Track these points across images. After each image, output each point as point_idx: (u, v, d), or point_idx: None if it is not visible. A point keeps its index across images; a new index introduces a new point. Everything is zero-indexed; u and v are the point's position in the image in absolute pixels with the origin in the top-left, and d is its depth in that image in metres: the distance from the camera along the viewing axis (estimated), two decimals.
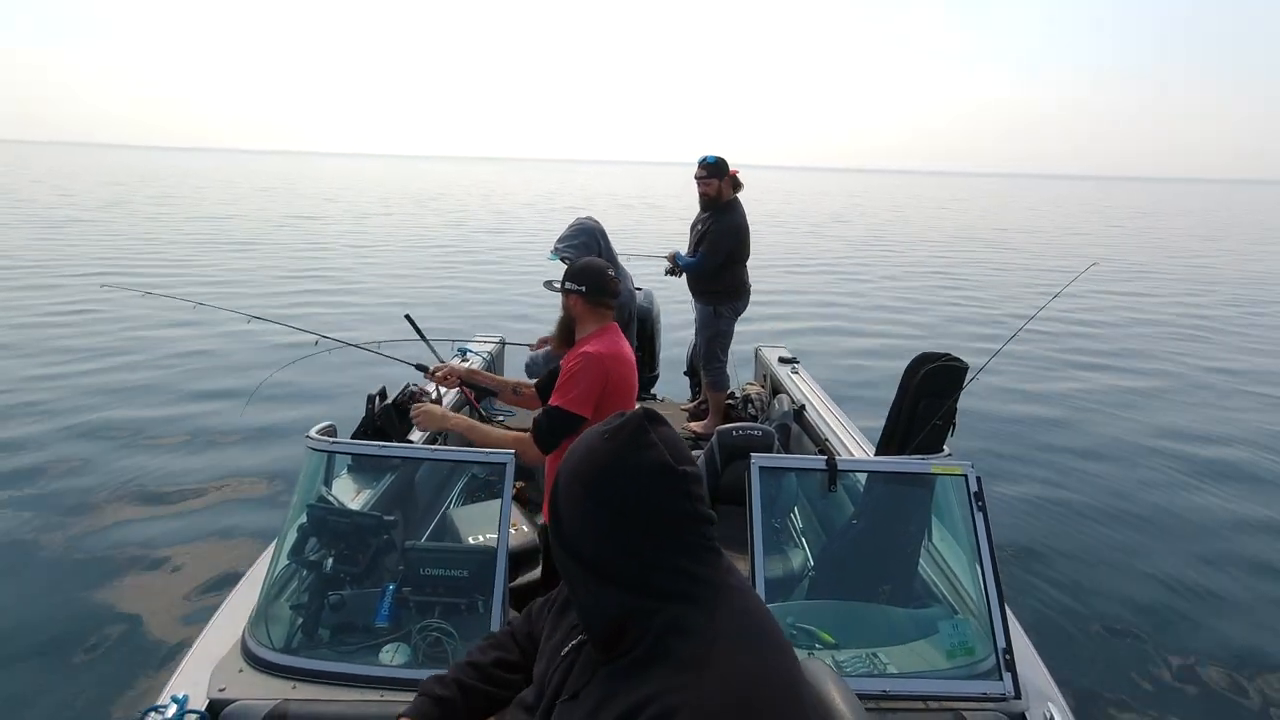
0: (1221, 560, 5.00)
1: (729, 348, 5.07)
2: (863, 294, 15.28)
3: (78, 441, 6.20)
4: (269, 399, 7.11)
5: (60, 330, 9.81)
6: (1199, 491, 6.11)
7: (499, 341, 5.79)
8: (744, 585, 1.13)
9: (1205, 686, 3.77)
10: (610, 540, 1.06)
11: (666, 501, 1.05)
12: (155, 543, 4.65)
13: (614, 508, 1.05)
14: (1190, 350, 11.26)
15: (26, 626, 3.85)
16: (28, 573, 4.34)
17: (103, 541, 4.67)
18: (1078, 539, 5.21)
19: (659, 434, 1.08)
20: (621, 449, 1.06)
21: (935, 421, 3.00)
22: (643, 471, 1.05)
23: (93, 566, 4.39)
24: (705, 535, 1.09)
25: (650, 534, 1.05)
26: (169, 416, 6.86)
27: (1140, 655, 3.98)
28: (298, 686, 2.07)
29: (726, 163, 4.81)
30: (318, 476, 2.64)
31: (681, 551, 1.06)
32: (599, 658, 1.12)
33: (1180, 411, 8.26)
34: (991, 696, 2.13)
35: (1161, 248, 27.69)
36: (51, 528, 4.82)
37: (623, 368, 2.66)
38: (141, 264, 15.55)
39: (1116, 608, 4.40)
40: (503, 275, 16.21)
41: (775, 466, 2.47)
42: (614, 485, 1.06)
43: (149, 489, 5.40)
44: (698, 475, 1.10)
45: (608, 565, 1.07)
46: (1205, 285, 18.22)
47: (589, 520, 1.07)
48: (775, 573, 2.59)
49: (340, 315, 11.22)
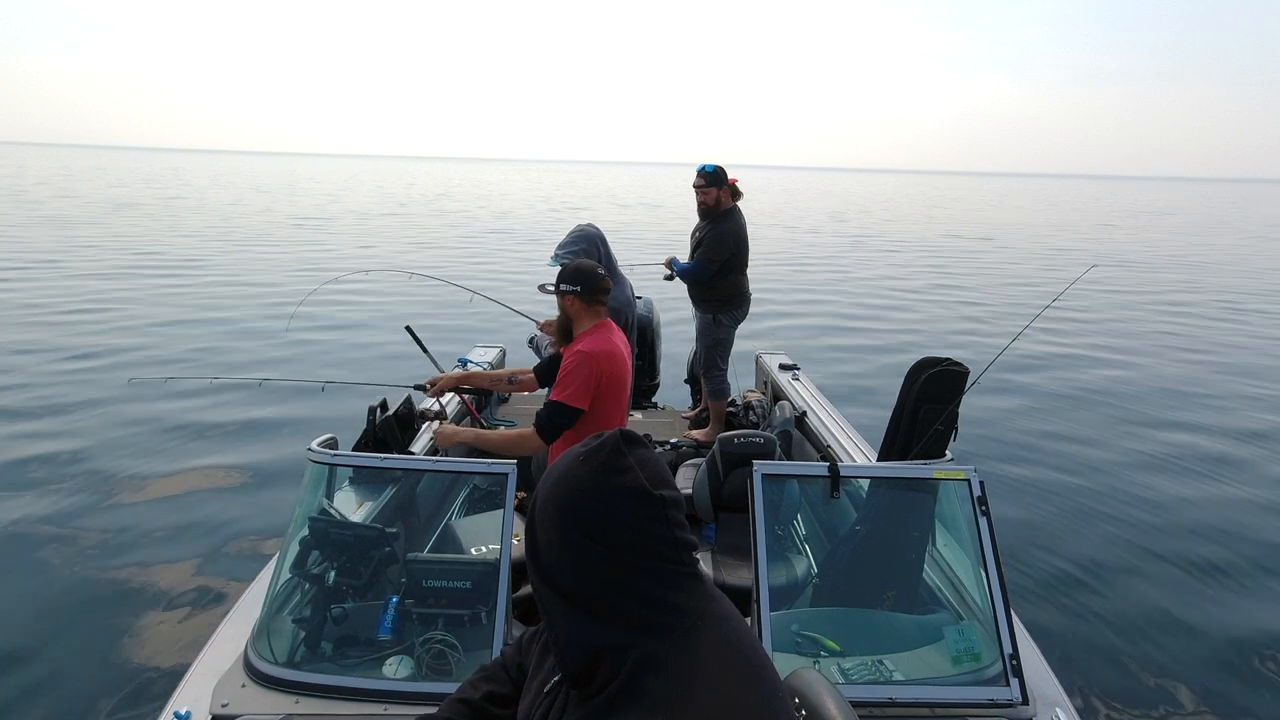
0: (1230, 562, 4.98)
1: (729, 356, 5.07)
2: (863, 299, 15.28)
3: (82, 454, 6.20)
4: (268, 406, 7.12)
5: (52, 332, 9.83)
6: (1206, 494, 6.10)
7: (500, 350, 5.80)
8: (726, 612, 1.09)
9: (1214, 691, 3.75)
10: (586, 567, 1.03)
11: (643, 527, 1.02)
12: (158, 557, 4.64)
13: (590, 534, 1.02)
14: (1191, 350, 11.26)
15: (29, 641, 3.84)
16: (30, 587, 4.33)
17: (105, 556, 4.66)
18: (1083, 542, 5.20)
19: (636, 456, 1.05)
20: (597, 473, 1.03)
21: (937, 426, 3.00)
22: (619, 497, 1.02)
23: (95, 581, 4.39)
24: (684, 561, 1.06)
25: (627, 562, 1.02)
26: (167, 428, 6.86)
27: (1148, 660, 3.96)
28: (301, 701, 2.06)
29: (725, 171, 4.83)
30: (319, 489, 2.63)
31: (659, 579, 1.03)
32: (573, 693, 1.10)
33: (1185, 413, 8.25)
34: (999, 703, 2.12)
35: (1161, 248, 27.73)
36: (55, 542, 4.81)
37: (615, 363, 2.79)
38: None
39: (1123, 611, 4.38)
40: (502, 275, 16.22)
41: (778, 474, 2.46)
42: (589, 510, 1.03)
43: (151, 504, 5.39)
44: (676, 499, 1.06)
45: (583, 594, 1.04)
46: (1205, 285, 18.24)
47: (564, 546, 1.04)
48: (779, 580, 2.59)
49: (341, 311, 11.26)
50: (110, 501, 5.41)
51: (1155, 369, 10.19)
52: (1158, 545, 5.19)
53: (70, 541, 4.84)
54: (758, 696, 1.02)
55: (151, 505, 5.37)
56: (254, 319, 11.44)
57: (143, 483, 5.73)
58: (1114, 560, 4.98)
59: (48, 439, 6.53)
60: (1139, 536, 5.31)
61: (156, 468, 6.01)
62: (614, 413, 2.84)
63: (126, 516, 5.19)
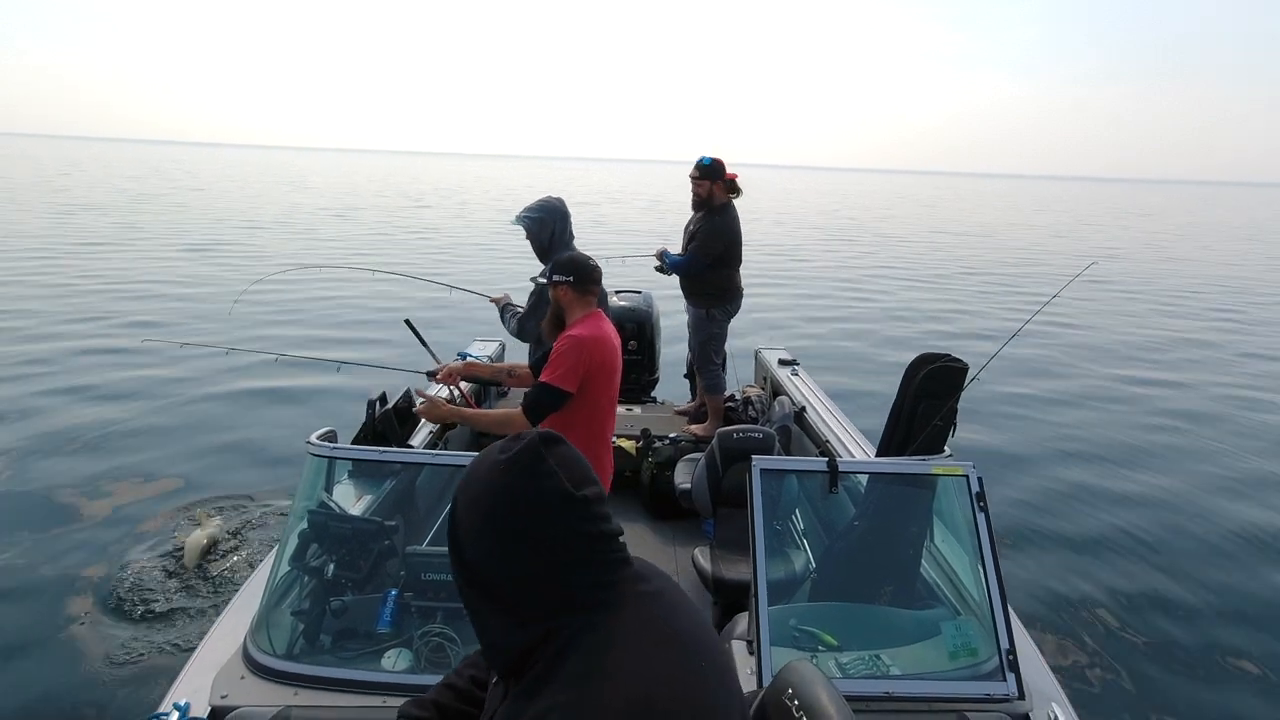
0: (1227, 559, 5.00)
1: (723, 350, 5.09)
2: (862, 295, 15.28)
3: (82, 448, 6.20)
4: (265, 404, 7.12)
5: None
6: (1204, 490, 6.11)
7: (499, 344, 5.80)
8: (658, 590, 1.11)
9: (1209, 686, 3.77)
10: (511, 571, 1.04)
11: (568, 527, 1.03)
12: (156, 549, 4.64)
13: (514, 539, 1.03)
14: (1191, 350, 11.27)
15: (28, 634, 3.85)
16: (29, 580, 4.34)
17: (104, 548, 4.66)
18: (1081, 538, 5.21)
19: (557, 457, 1.05)
20: (518, 479, 1.03)
21: (936, 422, 3.00)
22: (541, 501, 1.03)
23: (95, 574, 4.39)
24: (610, 550, 1.07)
25: (552, 562, 1.03)
26: (169, 424, 6.86)
27: (1144, 655, 3.98)
28: (300, 693, 2.06)
29: (723, 165, 4.81)
30: (318, 482, 2.64)
31: (585, 572, 1.04)
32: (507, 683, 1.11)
33: (1183, 410, 8.26)
34: (995, 697, 2.13)
35: (1162, 247, 27.72)
36: (54, 533, 4.82)
37: (604, 349, 2.82)
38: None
39: (1120, 607, 4.40)
40: (502, 274, 16.23)
41: (776, 469, 2.47)
42: (512, 516, 1.03)
43: (150, 495, 5.40)
44: (599, 494, 1.07)
45: (508, 595, 1.05)
46: (1206, 285, 18.24)
47: (488, 550, 1.05)
48: (777, 575, 2.59)
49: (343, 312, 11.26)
50: (109, 495, 5.42)
51: (1154, 366, 10.20)
52: (1155, 541, 5.21)
53: (66, 532, 4.85)
54: (679, 667, 1.03)
55: (151, 499, 5.38)
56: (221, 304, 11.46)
57: (143, 476, 5.74)
58: (1111, 556, 4.99)
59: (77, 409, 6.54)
60: (1136, 533, 5.32)
61: (156, 461, 6.02)
62: (602, 399, 2.87)
63: (126, 508, 5.20)
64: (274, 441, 6.43)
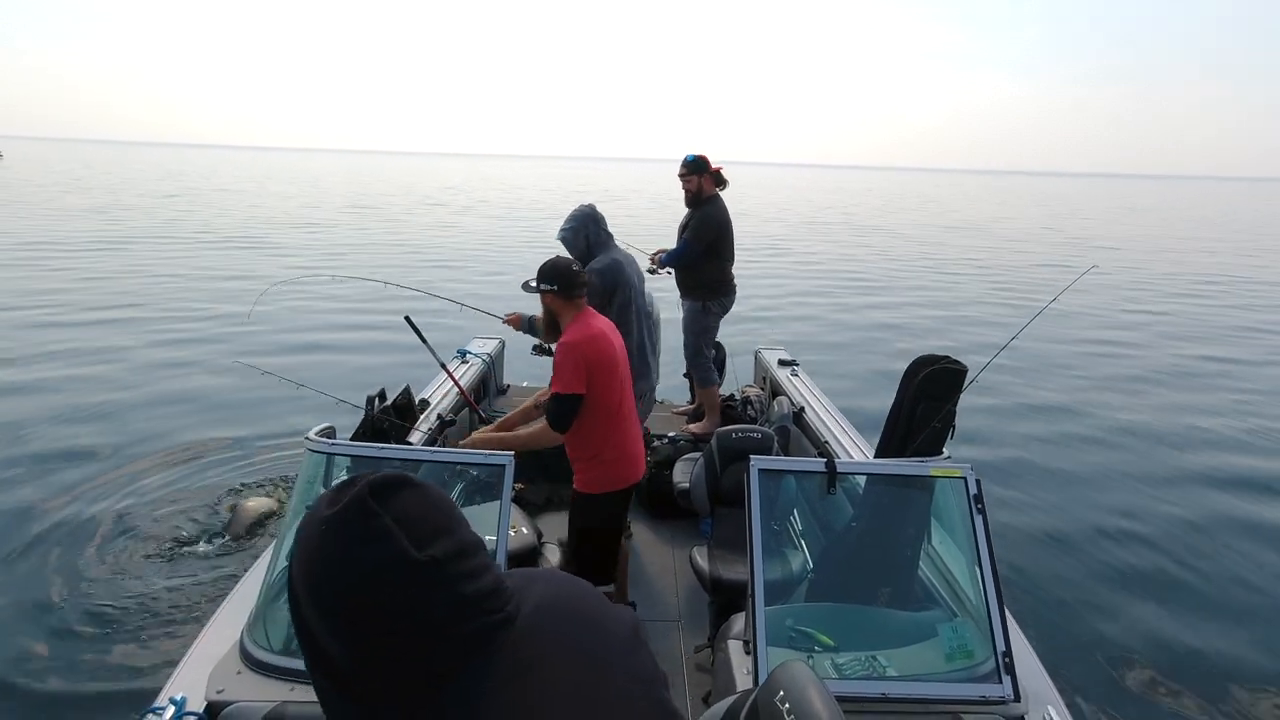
0: (1223, 565, 4.99)
1: (714, 343, 5.21)
2: (862, 294, 15.27)
3: (79, 441, 6.20)
4: (265, 399, 7.11)
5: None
6: (1201, 494, 6.11)
7: (499, 342, 5.80)
8: (541, 655, 0.88)
9: (1204, 689, 3.77)
10: (352, 650, 0.83)
11: (415, 598, 0.81)
12: (153, 545, 4.64)
13: (353, 621, 0.82)
14: (1192, 350, 11.27)
15: (24, 629, 3.85)
16: (25, 575, 4.34)
17: (101, 544, 4.66)
18: (1078, 542, 5.21)
19: (393, 511, 0.82)
20: (347, 546, 0.81)
21: (934, 424, 3.00)
22: (374, 572, 0.81)
23: (90, 569, 4.39)
24: (481, 611, 0.85)
25: (395, 642, 0.82)
26: (170, 417, 6.86)
27: (1139, 658, 3.98)
28: (295, 688, 2.06)
29: (707, 160, 5.01)
30: (317, 479, 2.64)
31: (443, 647, 0.83)
32: None
33: (1182, 413, 8.25)
34: (991, 699, 2.13)
35: (1161, 247, 27.70)
36: (49, 529, 4.82)
37: (598, 344, 2.91)
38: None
39: (1116, 610, 4.40)
40: (501, 273, 16.22)
41: (774, 469, 2.47)
42: (347, 595, 0.81)
43: (149, 491, 5.40)
44: (455, 550, 0.84)
45: (352, 677, 0.84)
46: (1206, 285, 18.23)
47: (322, 627, 0.83)
48: (774, 575, 2.59)
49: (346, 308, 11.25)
50: (107, 489, 5.42)
51: (1153, 368, 10.20)
52: (1153, 544, 5.21)
53: (62, 527, 4.85)
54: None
55: (149, 493, 5.38)
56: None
57: (140, 472, 5.74)
58: (1108, 560, 5.00)
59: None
60: (1134, 536, 5.33)
61: (155, 456, 6.02)
62: (612, 387, 2.93)
63: (123, 506, 5.20)
64: (272, 434, 6.42)
